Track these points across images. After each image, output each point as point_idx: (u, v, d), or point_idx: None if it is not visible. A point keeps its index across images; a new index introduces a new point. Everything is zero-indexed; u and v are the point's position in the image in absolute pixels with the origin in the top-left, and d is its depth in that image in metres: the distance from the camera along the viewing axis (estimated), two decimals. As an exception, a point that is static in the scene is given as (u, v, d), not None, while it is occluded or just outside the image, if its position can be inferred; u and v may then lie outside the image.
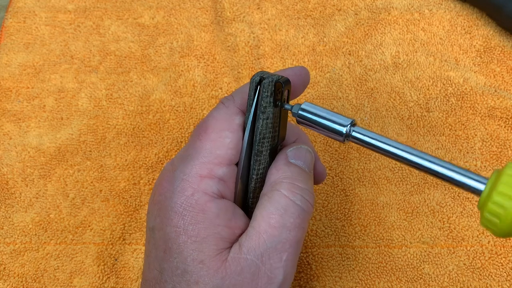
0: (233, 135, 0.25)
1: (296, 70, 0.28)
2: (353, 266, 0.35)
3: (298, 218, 0.25)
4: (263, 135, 0.26)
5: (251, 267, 0.24)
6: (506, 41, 0.43)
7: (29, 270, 0.36)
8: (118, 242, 0.37)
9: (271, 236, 0.24)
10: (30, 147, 0.40)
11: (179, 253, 0.24)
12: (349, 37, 0.44)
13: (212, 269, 0.23)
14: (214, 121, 0.26)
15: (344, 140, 0.25)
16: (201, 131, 0.26)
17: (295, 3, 0.46)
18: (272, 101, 0.25)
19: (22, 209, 0.38)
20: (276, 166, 0.26)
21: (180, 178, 0.25)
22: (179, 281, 0.24)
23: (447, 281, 0.35)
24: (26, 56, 0.44)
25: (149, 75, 0.43)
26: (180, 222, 0.24)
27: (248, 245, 0.24)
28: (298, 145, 0.27)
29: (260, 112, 0.25)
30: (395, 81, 0.42)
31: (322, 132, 0.26)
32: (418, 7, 0.44)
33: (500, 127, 0.39)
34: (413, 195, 0.37)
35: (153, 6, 0.46)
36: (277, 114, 0.26)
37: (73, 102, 0.42)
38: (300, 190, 0.25)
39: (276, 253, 0.24)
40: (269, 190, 0.25)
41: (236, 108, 0.26)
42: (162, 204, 0.25)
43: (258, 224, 0.24)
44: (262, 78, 0.25)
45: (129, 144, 0.40)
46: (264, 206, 0.25)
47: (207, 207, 0.24)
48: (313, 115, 0.26)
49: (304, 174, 0.26)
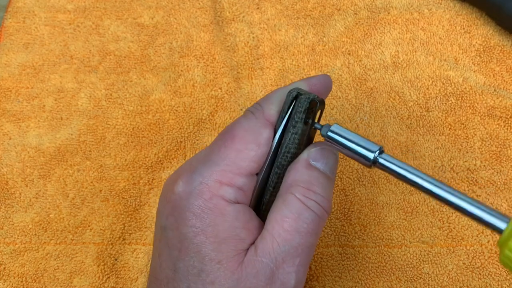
0: (259, 149, 0.25)
1: (321, 79, 0.28)
2: (353, 266, 0.35)
3: (311, 224, 0.24)
4: (288, 149, 0.26)
5: (266, 270, 0.24)
6: (505, 40, 0.43)
7: (29, 270, 0.36)
8: (118, 242, 0.37)
9: (285, 240, 0.24)
10: (29, 147, 0.40)
11: (196, 253, 0.24)
12: (349, 37, 0.44)
13: (229, 270, 0.23)
14: (242, 132, 0.25)
15: (371, 166, 0.25)
16: (228, 139, 0.25)
17: (294, 3, 0.46)
18: (304, 117, 0.25)
19: (22, 209, 0.38)
20: (295, 166, 0.26)
21: (199, 181, 0.25)
22: (194, 281, 0.24)
23: (447, 281, 0.35)
24: (26, 56, 0.44)
25: (149, 75, 0.43)
26: (198, 223, 0.24)
27: (262, 247, 0.24)
28: (322, 145, 0.27)
29: (291, 126, 0.25)
30: (394, 81, 0.42)
31: (349, 155, 0.25)
32: (418, 7, 0.44)
33: (500, 126, 0.39)
34: (413, 194, 0.37)
35: (152, 6, 0.46)
36: (306, 132, 0.26)
37: (72, 102, 0.42)
38: (315, 197, 0.25)
39: (290, 257, 0.24)
40: (285, 192, 0.25)
41: (265, 120, 0.26)
42: (176, 203, 0.25)
43: (272, 227, 0.24)
44: (299, 94, 0.26)
45: (128, 144, 0.40)
46: (279, 208, 0.25)
47: (226, 211, 0.24)
48: (341, 138, 0.26)
49: (323, 179, 0.26)
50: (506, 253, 0.21)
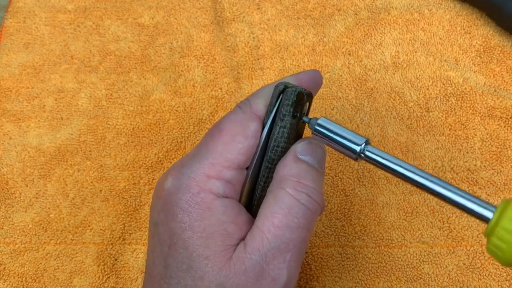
0: (246, 141, 0.25)
1: (310, 74, 0.28)
2: (353, 266, 0.35)
3: (302, 218, 0.24)
4: (277, 143, 0.26)
5: (255, 267, 0.23)
6: (505, 41, 0.43)
7: (29, 270, 0.36)
8: (118, 242, 0.37)
9: (275, 236, 0.24)
10: (30, 147, 0.40)
11: (184, 248, 0.24)
12: (349, 37, 0.44)
13: (216, 266, 0.23)
14: (229, 124, 0.26)
15: (357, 158, 0.25)
16: (215, 132, 0.26)
17: (294, 3, 0.46)
18: (292, 111, 0.25)
19: (22, 209, 0.38)
20: (283, 162, 0.26)
21: (187, 176, 0.25)
22: (184, 277, 0.23)
23: (447, 281, 0.35)
24: (26, 56, 0.44)
25: (149, 75, 0.43)
26: (186, 218, 0.24)
27: (252, 244, 0.24)
28: (309, 139, 0.27)
29: (279, 119, 0.26)
30: (394, 81, 0.42)
31: (336, 148, 0.26)
32: (418, 7, 0.44)
33: (500, 127, 0.39)
34: (413, 195, 0.37)
35: (153, 6, 0.46)
36: (294, 126, 0.26)
37: (73, 102, 0.42)
38: (306, 189, 0.25)
39: (280, 253, 0.24)
40: (275, 188, 0.25)
41: (253, 114, 0.26)
42: (166, 199, 0.25)
43: (262, 223, 0.24)
44: (286, 87, 0.26)
45: (129, 144, 0.40)
46: (268, 204, 0.25)
47: (213, 205, 0.24)
48: (328, 131, 0.26)
49: (313, 172, 0.26)
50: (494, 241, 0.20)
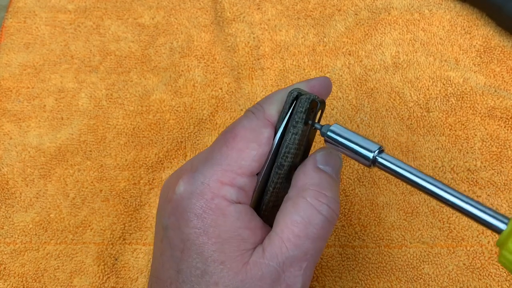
0: (260, 148, 0.25)
1: (322, 80, 0.28)
2: (353, 266, 0.35)
3: (321, 229, 0.24)
4: (288, 149, 0.26)
5: (272, 274, 0.24)
6: (506, 41, 0.43)
7: (29, 270, 0.36)
8: (118, 242, 0.37)
9: (294, 245, 0.24)
10: (30, 147, 0.40)
11: (199, 254, 0.24)
12: (349, 37, 0.44)
13: (232, 271, 0.23)
14: (243, 131, 0.26)
15: (371, 165, 0.25)
16: (229, 138, 0.25)
17: (295, 4, 0.46)
18: (305, 118, 0.26)
19: (22, 209, 0.38)
20: (304, 170, 0.26)
21: (200, 181, 0.25)
22: (198, 282, 0.23)
23: (447, 281, 0.35)
24: (26, 56, 0.44)
25: (149, 75, 0.43)
26: (200, 223, 0.24)
27: (271, 250, 0.24)
28: (328, 149, 0.27)
29: (292, 126, 0.26)
30: (395, 81, 0.42)
31: (349, 154, 0.26)
32: (418, 7, 0.44)
33: (500, 127, 0.39)
34: (413, 195, 0.37)
35: (153, 6, 0.46)
36: (306, 133, 0.26)
37: (73, 102, 0.42)
38: (327, 200, 0.25)
39: (297, 262, 0.24)
40: (295, 196, 0.25)
41: (266, 120, 0.26)
42: (177, 203, 0.25)
43: (281, 231, 0.24)
44: (299, 94, 0.26)
45: (129, 144, 0.40)
46: (288, 212, 0.25)
47: (227, 211, 0.24)
48: (341, 138, 0.26)
49: (332, 182, 0.26)
50: (504, 254, 0.21)
